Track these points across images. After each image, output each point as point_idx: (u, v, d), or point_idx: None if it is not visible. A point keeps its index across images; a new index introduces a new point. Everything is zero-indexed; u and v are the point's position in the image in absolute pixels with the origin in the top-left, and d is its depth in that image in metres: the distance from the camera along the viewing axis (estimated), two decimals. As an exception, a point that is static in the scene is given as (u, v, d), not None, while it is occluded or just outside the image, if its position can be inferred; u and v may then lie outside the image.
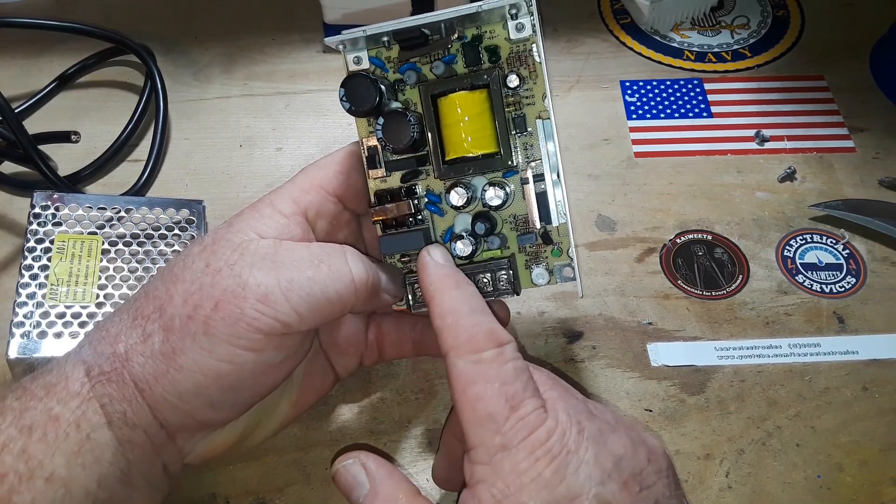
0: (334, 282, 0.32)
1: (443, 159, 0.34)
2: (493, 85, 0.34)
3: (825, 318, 0.44)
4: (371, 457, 0.32)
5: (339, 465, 0.32)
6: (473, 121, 0.34)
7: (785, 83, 0.56)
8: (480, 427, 0.28)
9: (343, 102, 0.33)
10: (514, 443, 0.27)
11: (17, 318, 0.38)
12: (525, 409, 0.28)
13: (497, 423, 0.28)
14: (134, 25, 0.57)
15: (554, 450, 0.27)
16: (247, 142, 0.52)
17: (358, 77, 0.33)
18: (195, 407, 0.31)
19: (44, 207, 0.42)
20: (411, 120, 0.33)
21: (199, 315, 0.30)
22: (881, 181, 0.50)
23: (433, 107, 0.34)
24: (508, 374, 0.29)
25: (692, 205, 0.49)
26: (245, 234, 0.32)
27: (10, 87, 0.53)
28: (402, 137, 0.34)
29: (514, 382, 0.28)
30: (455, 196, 0.34)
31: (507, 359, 0.29)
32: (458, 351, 0.29)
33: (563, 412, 0.28)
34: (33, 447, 0.28)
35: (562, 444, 0.27)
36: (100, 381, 0.30)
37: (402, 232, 0.35)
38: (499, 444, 0.27)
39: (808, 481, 0.38)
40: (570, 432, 0.28)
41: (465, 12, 0.32)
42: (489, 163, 0.34)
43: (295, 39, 0.58)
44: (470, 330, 0.30)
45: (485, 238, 0.35)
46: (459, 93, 0.34)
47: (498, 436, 0.27)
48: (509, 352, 0.29)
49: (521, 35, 0.33)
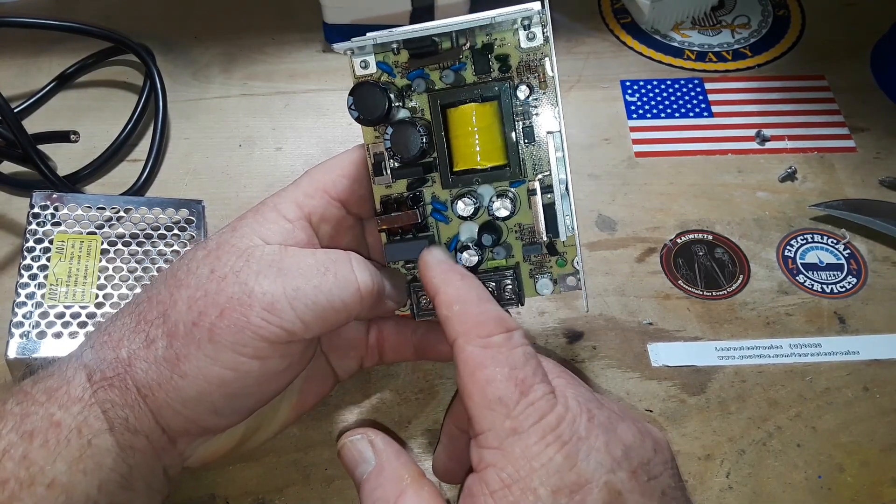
0: (340, 290, 0.31)
1: (451, 170, 0.34)
2: (504, 98, 0.33)
3: (826, 319, 0.44)
4: (379, 434, 0.31)
5: (346, 440, 0.31)
6: (483, 133, 0.33)
7: (785, 83, 0.56)
8: (490, 411, 0.27)
9: (352, 111, 0.33)
10: (524, 426, 0.27)
11: (17, 319, 0.38)
12: (535, 393, 0.28)
13: (507, 406, 0.27)
14: (133, 25, 0.57)
15: (564, 435, 0.27)
16: (246, 142, 0.52)
17: (367, 85, 0.33)
18: (198, 413, 0.31)
19: (43, 207, 0.41)
20: (420, 131, 0.33)
21: (203, 322, 0.30)
22: (882, 181, 0.50)
23: (442, 117, 0.34)
24: (518, 359, 0.28)
25: (693, 205, 0.49)
26: (250, 240, 0.32)
27: (9, 86, 0.53)
28: (410, 148, 0.33)
29: (525, 367, 0.28)
30: (462, 206, 0.34)
31: (517, 344, 0.29)
32: (468, 336, 0.29)
33: (573, 399, 0.28)
34: (34, 453, 0.28)
35: (572, 429, 0.27)
36: (102, 386, 0.30)
37: (408, 239, 0.35)
38: (509, 427, 0.27)
39: (808, 482, 0.38)
40: (581, 419, 0.27)
41: (478, 22, 0.32)
42: (498, 174, 0.34)
43: (295, 39, 0.58)
44: (478, 316, 0.29)
45: (491, 249, 0.35)
46: (470, 104, 0.33)
47: (508, 420, 0.27)
48: (518, 337, 0.29)
49: (532, 44, 0.33)
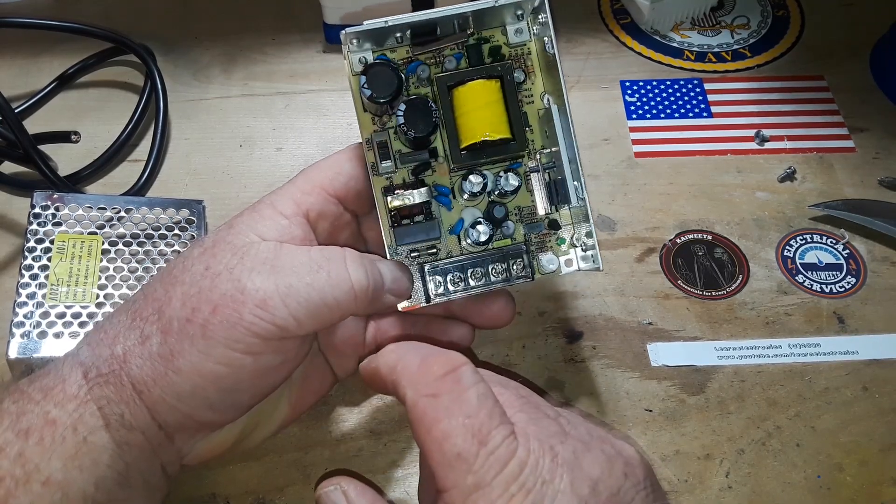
0: (333, 288, 0.31)
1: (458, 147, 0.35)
2: (507, 75, 0.35)
3: (825, 318, 0.44)
4: (353, 483, 0.31)
5: (320, 491, 0.31)
6: (489, 108, 0.35)
7: (785, 83, 0.56)
8: (451, 468, 0.27)
9: (364, 89, 0.34)
10: (486, 480, 0.26)
11: (17, 318, 0.38)
12: (494, 441, 0.27)
13: (468, 461, 0.26)
14: (134, 25, 0.57)
15: (528, 483, 0.26)
16: (247, 142, 0.52)
17: (379, 65, 0.34)
18: (194, 409, 0.31)
19: (44, 207, 0.42)
20: (433, 106, 0.34)
21: (197, 318, 0.30)
22: (881, 181, 0.50)
23: (448, 96, 0.35)
24: (472, 405, 0.27)
25: (692, 205, 0.49)
26: (246, 237, 0.32)
27: (10, 86, 0.53)
28: (425, 124, 0.34)
29: (479, 413, 0.27)
30: (472, 182, 0.35)
31: (467, 385, 0.28)
32: (415, 386, 0.28)
33: (535, 439, 0.27)
34: (30, 451, 0.28)
35: (536, 475, 0.26)
36: (97, 382, 0.30)
37: (418, 223, 0.36)
38: (472, 484, 0.26)
39: (808, 481, 0.38)
40: (544, 461, 0.27)
41: (481, 6, 0.34)
42: (505, 148, 0.35)
43: (295, 39, 0.58)
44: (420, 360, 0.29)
45: (502, 222, 0.36)
46: (476, 80, 0.35)
47: (470, 475, 0.26)
48: (468, 375, 0.28)
49: (519, 39, 0.36)
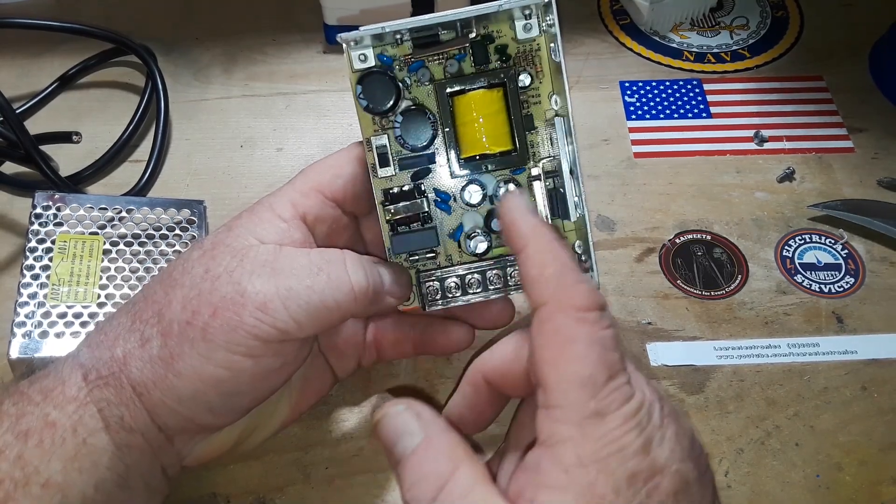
0: (333, 290, 0.31)
1: (459, 156, 0.35)
2: (510, 84, 0.34)
3: (824, 318, 0.44)
4: (426, 406, 0.29)
5: (387, 410, 0.29)
6: (491, 119, 0.34)
7: (784, 84, 0.56)
8: (574, 387, 0.27)
9: (360, 100, 0.33)
10: (609, 410, 0.27)
11: (19, 318, 0.38)
12: (620, 379, 0.27)
13: (595, 387, 0.27)
14: (134, 26, 0.57)
15: (643, 422, 0.27)
16: (247, 142, 0.52)
17: (377, 74, 0.33)
18: (194, 411, 0.31)
19: (45, 207, 0.42)
20: (430, 118, 0.34)
21: (197, 321, 0.30)
22: (880, 181, 0.50)
23: (450, 104, 0.34)
24: (609, 341, 0.28)
25: (691, 205, 0.49)
26: (245, 240, 0.32)
27: (11, 87, 0.53)
28: (422, 136, 0.34)
29: (614, 351, 0.28)
30: (471, 192, 0.35)
31: (607, 324, 0.28)
32: (561, 304, 0.28)
33: (647, 387, 0.28)
34: (29, 453, 0.28)
35: (649, 417, 0.27)
36: (97, 385, 0.30)
37: (416, 231, 0.35)
38: (593, 409, 0.27)
39: (807, 481, 0.38)
40: (654, 408, 0.27)
41: (483, 11, 0.33)
42: (506, 160, 0.35)
43: (295, 40, 0.58)
44: (575, 285, 0.28)
45: (500, 233, 0.35)
46: (477, 91, 0.34)
47: (593, 401, 0.27)
48: (609, 318, 0.28)
49: (528, 35, 0.34)
